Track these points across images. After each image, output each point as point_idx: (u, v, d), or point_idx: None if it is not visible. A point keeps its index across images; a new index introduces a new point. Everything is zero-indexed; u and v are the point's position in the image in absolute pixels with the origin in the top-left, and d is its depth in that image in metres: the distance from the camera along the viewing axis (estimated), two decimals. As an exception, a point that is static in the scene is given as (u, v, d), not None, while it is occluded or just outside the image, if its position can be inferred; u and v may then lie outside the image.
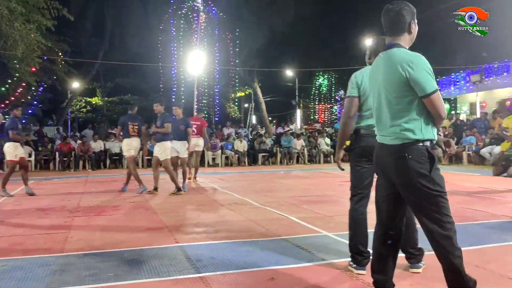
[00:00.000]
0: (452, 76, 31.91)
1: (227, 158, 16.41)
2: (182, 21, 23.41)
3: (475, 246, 4.20)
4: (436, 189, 2.56)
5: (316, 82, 43.75)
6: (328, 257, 3.91)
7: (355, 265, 3.50)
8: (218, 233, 4.99)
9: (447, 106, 34.76)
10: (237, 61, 24.60)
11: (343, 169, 3.67)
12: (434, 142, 2.64)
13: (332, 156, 17.02)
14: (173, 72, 23.45)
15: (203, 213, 6.40)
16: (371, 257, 3.53)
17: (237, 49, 24.56)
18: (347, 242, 4.38)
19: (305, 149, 17.27)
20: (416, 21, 2.74)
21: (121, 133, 8.89)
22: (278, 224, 5.47)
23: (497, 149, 13.80)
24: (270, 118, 27.21)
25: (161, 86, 23.84)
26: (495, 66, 27.94)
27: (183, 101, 23.27)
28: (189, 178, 10.65)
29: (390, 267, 2.82)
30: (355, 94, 3.44)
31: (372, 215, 6.10)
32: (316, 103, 44.45)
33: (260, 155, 16.97)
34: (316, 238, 4.67)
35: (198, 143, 10.69)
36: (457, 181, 10.04)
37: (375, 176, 3.47)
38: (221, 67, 24.09)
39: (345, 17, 29.41)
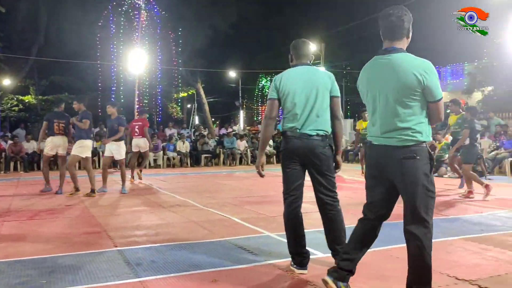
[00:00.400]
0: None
1: (169, 159, 16.13)
2: (122, 18, 22.75)
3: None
4: (431, 190, 2.71)
5: (259, 84, 44.09)
6: (271, 258, 3.93)
7: (295, 266, 3.53)
8: (159, 236, 4.87)
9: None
10: (179, 61, 24.27)
11: (263, 176, 3.67)
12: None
13: (274, 157, 17.21)
14: (112, 70, 22.71)
15: (144, 215, 6.23)
16: (311, 256, 3.61)
17: (179, 49, 24.24)
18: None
19: (248, 150, 17.33)
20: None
21: (46, 131, 8.45)
22: (220, 225, 5.43)
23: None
24: (213, 119, 27.09)
25: (99, 85, 22.99)
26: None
27: (122, 100, 22.66)
28: (140, 178, 10.94)
29: (359, 256, 2.96)
30: (275, 96, 3.50)
31: (310, 215, 6.21)
32: (259, 104, 44.79)
33: (203, 156, 16.83)
34: (258, 239, 4.68)
35: (139, 143, 10.67)
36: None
37: (308, 177, 3.53)
38: (163, 66, 23.65)
39: (288, 19, 29.89)
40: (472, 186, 7.63)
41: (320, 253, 4.04)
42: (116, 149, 8.75)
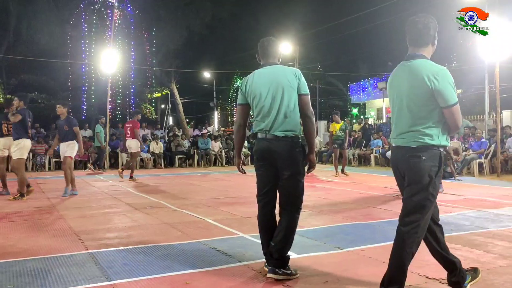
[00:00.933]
0: (361, 83, 33.86)
1: (142, 160, 15.93)
2: (94, 17, 22.32)
3: (382, 243, 4.45)
4: (432, 194, 2.80)
5: (234, 84, 44.05)
6: (245, 259, 3.92)
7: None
8: (132, 238, 4.79)
9: (355, 110, 36.85)
10: (153, 61, 24.01)
11: (244, 172, 3.79)
12: (447, 148, 2.85)
13: (249, 158, 17.21)
14: (83, 69, 22.25)
15: (116, 217, 6.13)
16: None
17: (153, 49, 23.97)
18: (263, 243, 4.46)
19: (223, 151, 17.28)
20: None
21: None
22: (194, 227, 5.39)
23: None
24: (187, 120, 26.90)
25: (69, 84, 22.48)
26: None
27: (93, 100, 22.25)
28: (121, 177, 11.42)
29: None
30: (243, 101, 3.49)
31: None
32: (234, 105, 44.75)
33: (177, 157, 16.70)
34: (232, 240, 4.67)
35: (130, 145, 11.22)
36: (365, 182, 10.63)
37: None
38: (136, 66, 23.33)
39: (262, 20, 29.98)
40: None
41: (294, 254, 4.05)
42: (63, 149, 8.48)
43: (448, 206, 6.87)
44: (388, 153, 15.24)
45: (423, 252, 4.11)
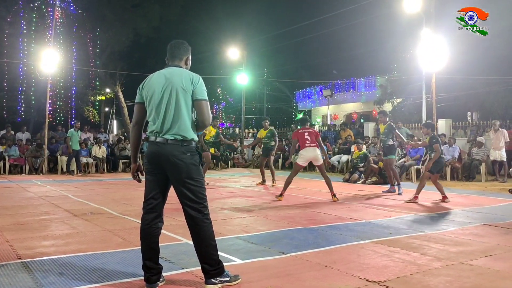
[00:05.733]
0: (307, 90, 34.59)
1: (86, 165, 15.37)
2: (34, 15, 21.31)
3: (325, 248, 4.53)
4: None
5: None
6: (189, 265, 3.85)
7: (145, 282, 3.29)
8: (69, 246, 4.58)
9: (300, 116, 37.57)
10: (97, 62, 23.25)
11: (140, 181, 3.52)
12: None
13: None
14: (21, 69, 21.14)
15: (53, 224, 5.84)
16: (229, 263, 3.57)
17: (98, 50, 23.23)
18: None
19: (169, 155, 16.99)
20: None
21: None
22: (136, 233, 5.19)
23: (344, 157, 15.28)
24: (132, 124, 26.24)
25: (5, 84, 21.27)
26: (343, 82, 31.07)
27: (33, 102, 21.20)
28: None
29: None
30: (139, 100, 3.37)
31: (230, 222, 6.18)
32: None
33: (121, 161, 16.24)
34: (177, 246, 4.58)
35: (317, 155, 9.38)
36: (310, 187, 10.81)
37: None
38: (79, 67, 22.49)
39: (210, 25, 29.92)
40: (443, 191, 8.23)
41: (238, 260, 4.04)
42: None
43: (388, 210, 7.12)
44: (332, 158, 15.65)
45: (363, 256, 4.23)
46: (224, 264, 3.48)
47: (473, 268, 3.83)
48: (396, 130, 9.62)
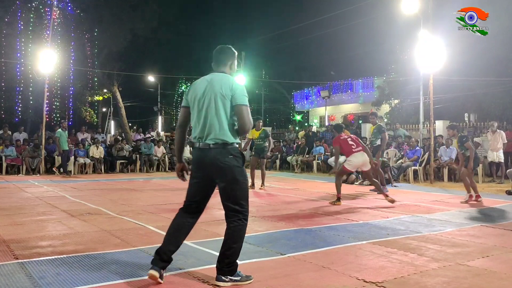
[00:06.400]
0: (305, 91, 34.60)
1: (84, 165, 15.35)
2: (32, 15, 21.25)
3: (323, 248, 4.54)
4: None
5: (179, 90, 43.53)
6: (186, 266, 3.85)
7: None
8: (66, 247, 4.57)
9: (298, 117, 37.56)
10: (95, 62, 23.21)
11: (184, 180, 3.65)
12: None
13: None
14: (18, 69, 21.07)
15: (50, 224, 5.83)
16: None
17: (95, 50, 23.19)
18: (205, 249, 4.42)
19: (166, 156, 17.00)
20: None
21: None
22: (134, 234, 5.23)
23: (341, 158, 15.27)
24: (130, 124, 26.23)
25: (3, 84, 21.20)
26: (341, 83, 31.12)
27: (31, 102, 21.14)
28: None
29: None
30: (184, 104, 3.52)
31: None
32: (179, 110, 44.20)
33: (118, 162, 16.22)
34: (174, 247, 4.56)
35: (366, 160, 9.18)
36: (308, 188, 10.82)
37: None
38: (76, 68, 22.44)
39: (208, 25, 29.95)
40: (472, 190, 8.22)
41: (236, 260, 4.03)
42: None
43: (385, 211, 7.13)
44: (330, 159, 15.65)
45: (361, 257, 4.24)
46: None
47: (470, 269, 3.84)
48: (386, 133, 9.64)
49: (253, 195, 9.23)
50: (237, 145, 3.40)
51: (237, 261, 3.89)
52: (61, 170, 14.41)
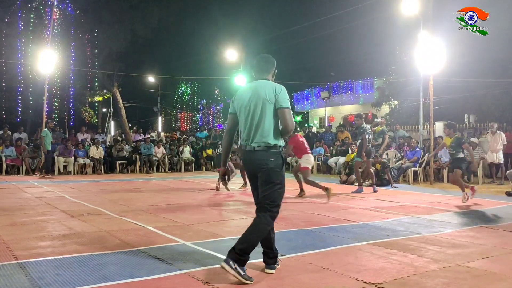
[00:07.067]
0: (305, 92, 34.61)
1: (84, 165, 15.35)
2: (32, 15, 21.26)
3: (322, 249, 4.53)
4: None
5: (179, 90, 43.52)
6: (186, 267, 3.84)
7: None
8: (66, 247, 4.57)
9: (298, 118, 37.53)
10: (95, 63, 23.21)
11: (226, 184, 3.93)
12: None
13: (193, 165, 17.06)
14: (19, 70, 21.07)
15: (50, 225, 5.83)
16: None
17: (96, 51, 23.19)
18: (205, 250, 4.42)
19: (166, 157, 16.99)
20: None
21: None
22: (134, 234, 5.23)
23: (341, 159, 15.27)
24: (130, 125, 26.21)
25: (3, 84, 21.19)
26: (341, 84, 31.12)
27: (31, 102, 21.13)
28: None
29: None
30: (232, 111, 3.77)
31: (227, 223, 6.22)
32: (178, 111, 44.18)
33: (118, 162, 16.22)
34: (173, 248, 4.57)
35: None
36: (307, 188, 10.80)
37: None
38: (76, 68, 22.44)
39: (208, 26, 29.97)
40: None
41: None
42: None
43: (385, 212, 7.13)
44: (330, 160, 15.66)
45: (360, 258, 4.24)
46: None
47: (470, 270, 3.84)
48: (365, 134, 9.71)
49: (251, 197, 9.22)
50: (280, 147, 3.61)
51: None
52: (43, 171, 14.14)
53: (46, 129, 14.50)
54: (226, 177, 4.07)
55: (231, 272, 3.35)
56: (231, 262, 3.38)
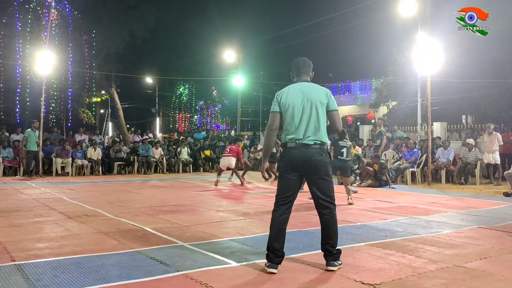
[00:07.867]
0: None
1: (81, 167, 15.32)
2: (30, 16, 21.22)
3: (319, 250, 4.51)
4: None
5: (177, 91, 43.48)
6: (184, 268, 3.84)
7: (268, 264, 3.76)
8: (64, 248, 4.55)
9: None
10: (93, 64, 23.18)
11: (267, 179, 4.09)
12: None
13: (191, 166, 17.05)
14: (17, 70, 21.03)
15: (47, 226, 5.81)
16: (225, 266, 3.58)
17: (93, 52, 23.16)
18: (203, 251, 4.41)
19: (164, 158, 16.97)
20: None
21: None
22: (131, 235, 5.22)
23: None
24: (128, 126, 26.20)
25: (1, 85, 21.14)
26: (339, 85, 31.16)
27: (28, 103, 21.09)
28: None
29: None
30: (277, 110, 3.90)
31: (226, 224, 6.22)
32: (176, 112, 44.14)
33: (116, 163, 16.19)
34: (171, 249, 4.56)
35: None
36: (306, 189, 10.80)
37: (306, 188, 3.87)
38: (74, 69, 22.40)
39: (206, 27, 29.95)
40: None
41: (234, 262, 4.03)
42: None
43: (383, 213, 7.14)
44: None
45: (359, 259, 4.24)
46: (219, 267, 3.52)
47: (468, 270, 3.85)
48: (347, 136, 9.57)
49: (250, 198, 9.22)
50: (327, 145, 3.86)
51: (235, 263, 3.91)
52: (29, 173, 13.95)
53: (29, 129, 14.18)
54: (266, 173, 4.43)
55: (336, 269, 3.79)
56: (335, 262, 3.81)
